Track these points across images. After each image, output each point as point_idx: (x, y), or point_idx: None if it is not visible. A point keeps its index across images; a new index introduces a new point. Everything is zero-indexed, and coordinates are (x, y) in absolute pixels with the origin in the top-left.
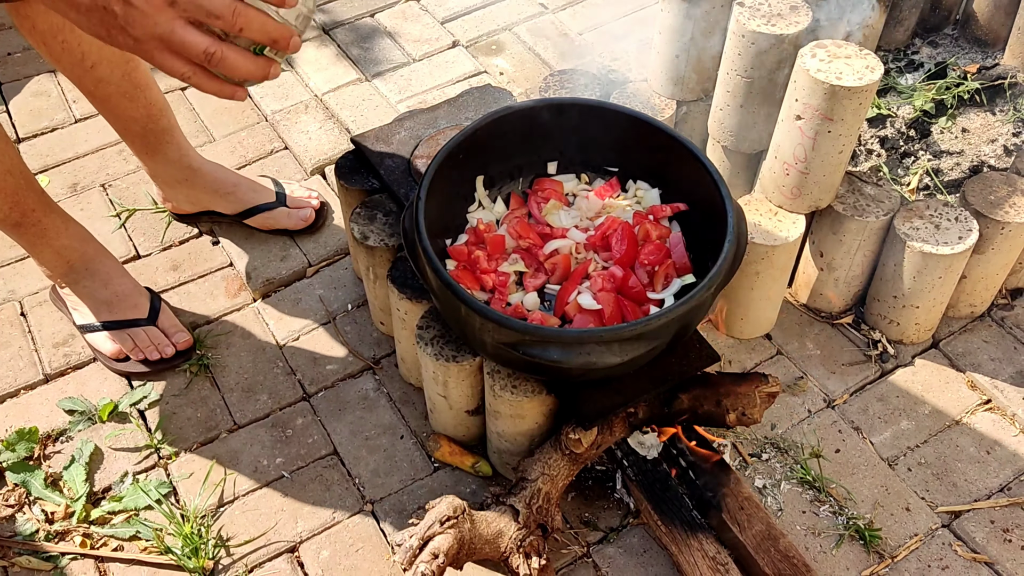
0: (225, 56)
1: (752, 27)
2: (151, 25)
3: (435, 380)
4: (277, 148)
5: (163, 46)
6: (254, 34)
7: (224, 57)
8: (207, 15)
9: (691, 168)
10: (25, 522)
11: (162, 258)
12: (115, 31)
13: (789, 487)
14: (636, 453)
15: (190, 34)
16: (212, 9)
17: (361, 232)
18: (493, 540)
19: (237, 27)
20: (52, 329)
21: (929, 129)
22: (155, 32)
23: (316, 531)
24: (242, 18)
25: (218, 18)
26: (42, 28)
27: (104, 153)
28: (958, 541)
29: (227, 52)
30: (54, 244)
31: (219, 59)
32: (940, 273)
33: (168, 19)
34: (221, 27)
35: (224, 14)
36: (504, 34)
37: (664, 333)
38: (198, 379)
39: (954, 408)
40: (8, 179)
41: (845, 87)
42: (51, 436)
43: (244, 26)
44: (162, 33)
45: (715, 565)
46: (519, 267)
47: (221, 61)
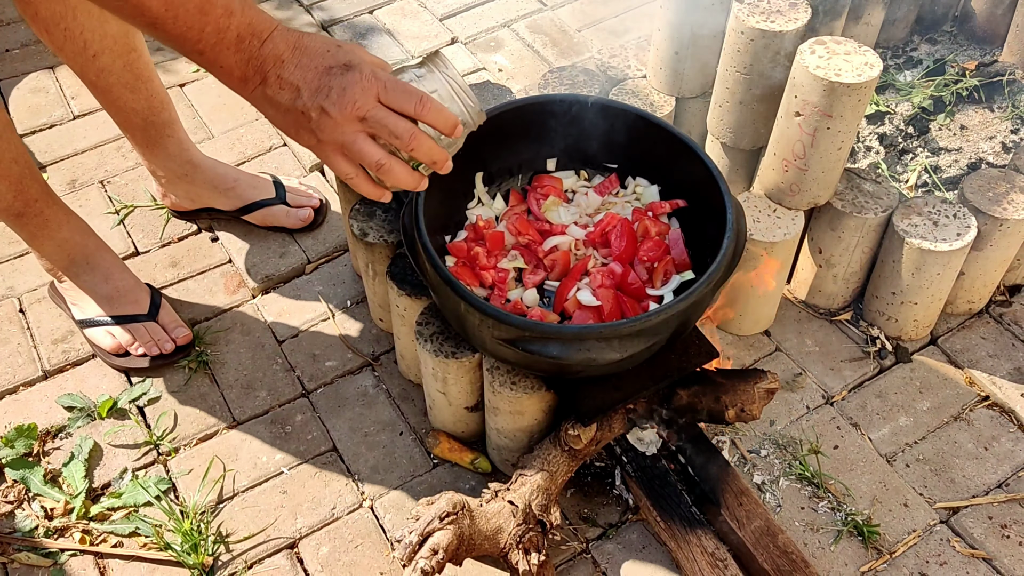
0: (392, 168)
1: (751, 24)
2: (339, 134)
3: (434, 376)
4: (276, 144)
5: (340, 150)
6: (421, 156)
7: (391, 169)
8: (389, 134)
9: (690, 165)
10: (24, 518)
11: (161, 255)
12: (304, 131)
13: (788, 483)
14: (635, 449)
15: (369, 145)
16: (395, 130)
17: (360, 228)
18: (492, 536)
19: (410, 148)
20: (51, 325)
21: (928, 126)
22: (340, 139)
23: (315, 527)
24: (416, 141)
25: (397, 138)
26: (44, 16)
27: (103, 149)
28: (956, 537)
29: (394, 165)
30: (55, 236)
31: (387, 170)
32: (938, 270)
33: (354, 131)
34: (397, 146)
35: (403, 136)
36: (503, 31)
37: (663, 329)
38: (197, 375)
39: (952, 404)
40: (13, 168)
41: (844, 84)
42: (50, 432)
43: (416, 148)
44: (345, 141)
45: (714, 561)
46: (518, 263)
47: (388, 172)
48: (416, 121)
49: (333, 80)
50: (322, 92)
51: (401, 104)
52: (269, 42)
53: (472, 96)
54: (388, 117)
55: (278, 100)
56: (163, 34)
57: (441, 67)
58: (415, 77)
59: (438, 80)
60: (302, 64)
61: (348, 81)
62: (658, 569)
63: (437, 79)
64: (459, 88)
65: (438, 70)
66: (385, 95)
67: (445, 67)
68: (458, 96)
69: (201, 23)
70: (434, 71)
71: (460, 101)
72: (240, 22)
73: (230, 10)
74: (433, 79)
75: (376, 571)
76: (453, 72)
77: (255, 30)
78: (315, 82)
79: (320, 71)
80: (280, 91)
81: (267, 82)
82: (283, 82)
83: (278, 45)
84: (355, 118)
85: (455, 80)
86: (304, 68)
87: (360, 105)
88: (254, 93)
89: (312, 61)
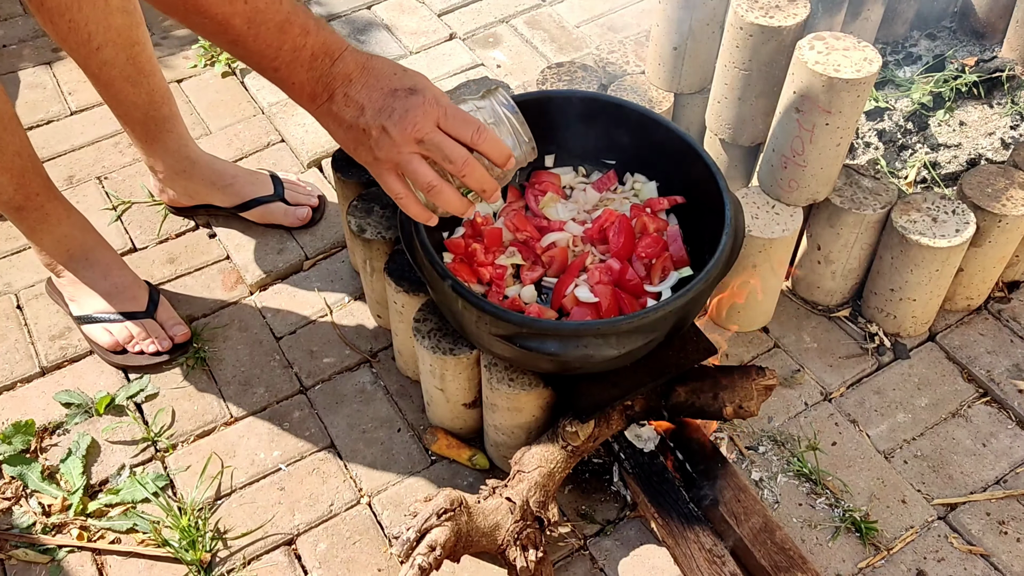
0: (442, 191)
1: (750, 19)
2: (395, 153)
3: (432, 373)
4: (274, 141)
5: (395, 170)
6: (472, 183)
7: (441, 192)
8: (443, 158)
9: (689, 161)
10: (22, 515)
11: (158, 251)
12: (363, 148)
13: (786, 480)
14: (633, 446)
15: (423, 167)
16: (449, 155)
17: (358, 225)
18: (490, 533)
19: (462, 174)
20: (48, 322)
21: (927, 122)
22: (396, 158)
23: (313, 524)
24: (468, 168)
25: (451, 163)
26: (50, 6)
27: (100, 145)
28: (954, 533)
29: (444, 188)
30: (55, 231)
31: (437, 193)
32: (937, 266)
33: (410, 151)
34: (450, 171)
35: (457, 161)
36: (501, 26)
37: (661, 326)
38: (195, 372)
39: (950, 401)
40: (16, 161)
41: (843, 79)
42: (48, 429)
43: (468, 174)
44: (400, 161)
45: (711, 557)
46: (516, 260)
47: (438, 195)
48: (471, 150)
49: (397, 102)
50: (385, 112)
51: (459, 131)
52: (340, 61)
53: (527, 131)
54: (445, 142)
55: (342, 116)
56: (243, 51)
57: (500, 100)
58: (475, 108)
59: (496, 112)
60: (369, 84)
61: (411, 104)
62: (656, 566)
63: (495, 111)
64: (515, 122)
65: (497, 103)
66: (444, 121)
67: (505, 100)
68: (513, 130)
69: (279, 41)
70: (493, 104)
71: (514, 135)
72: (315, 41)
73: (306, 29)
74: (491, 111)
75: (374, 567)
76: (511, 106)
77: (328, 49)
78: (379, 102)
79: (385, 92)
80: (345, 108)
81: (334, 99)
82: (349, 100)
83: (348, 65)
84: (413, 139)
85: (512, 114)
86: (370, 88)
87: (420, 127)
88: (320, 109)
89: (379, 82)
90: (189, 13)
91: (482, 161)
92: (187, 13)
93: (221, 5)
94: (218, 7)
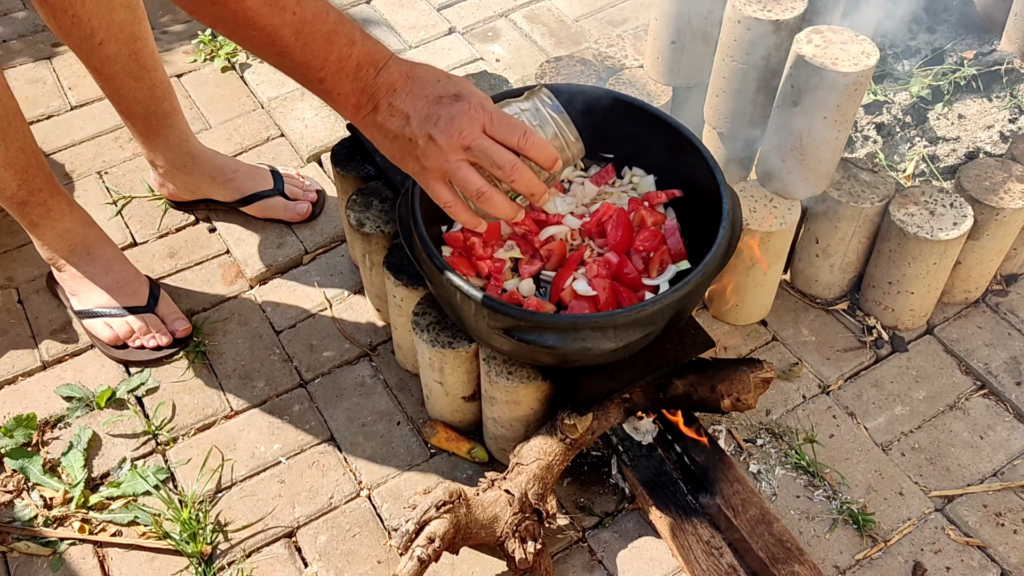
0: (492, 197)
1: (748, 13)
2: (442, 160)
3: (431, 367)
4: (273, 135)
5: (443, 178)
6: (521, 187)
7: (491, 198)
8: (491, 164)
9: (687, 154)
10: (24, 508)
11: (159, 245)
12: (409, 157)
13: (783, 472)
14: (631, 439)
15: (471, 174)
16: (497, 161)
17: (357, 219)
18: (489, 525)
19: (511, 179)
20: (50, 316)
21: (925, 115)
22: (443, 167)
23: (313, 516)
24: (517, 172)
25: (499, 168)
26: (53, 1)
27: (100, 140)
28: (951, 525)
29: (493, 194)
30: (57, 226)
31: (487, 199)
32: (935, 259)
33: (458, 159)
34: (498, 176)
35: (505, 167)
36: (500, 21)
37: (659, 319)
38: (195, 366)
39: (948, 394)
40: (20, 156)
41: (841, 73)
42: (49, 423)
43: (517, 179)
44: (448, 169)
45: (709, 549)
46: (515, 254)
47: (488, 201)
48: (518, 154)
49: (442, 109)
50: (430, 120)
51: (505, 136)
52: (384, 71)
53: (573, 130)
54: (492, 148)
55: (388, 127)
56: (290, 62)
57: (545, 102)
58: (519, 111)
59: (541, 114)
60: (413, 93)
61: (456, 111)
62: (654, 558)
63: (540, 113)
64: (561, 123)
65: (542, 105)
66: (491, 126)
67: (549, 101)
68: (559, 131)
69: (326, 52)
70: (538, 106)
71: (561, 136)
72: (360, 51)
73: (352, 40)
74: (535, 113)
75: (373, 559)
76: (556, 107)
77: (373, 59)
78: (425, 110)
79: (430, 100)
80: (391, 118)
81: (378, 109)
82: (394, 109)
83: (392, 74)
84: (460, 147)
85: (557, 115)
86: (415, 97)
87: (466, 134)
88: (365, 119)
89: (423, 90)
90: (238, 26)
91: (529, 165)
92: (236, 26)
93: (270, 16)
94: (267, 19)
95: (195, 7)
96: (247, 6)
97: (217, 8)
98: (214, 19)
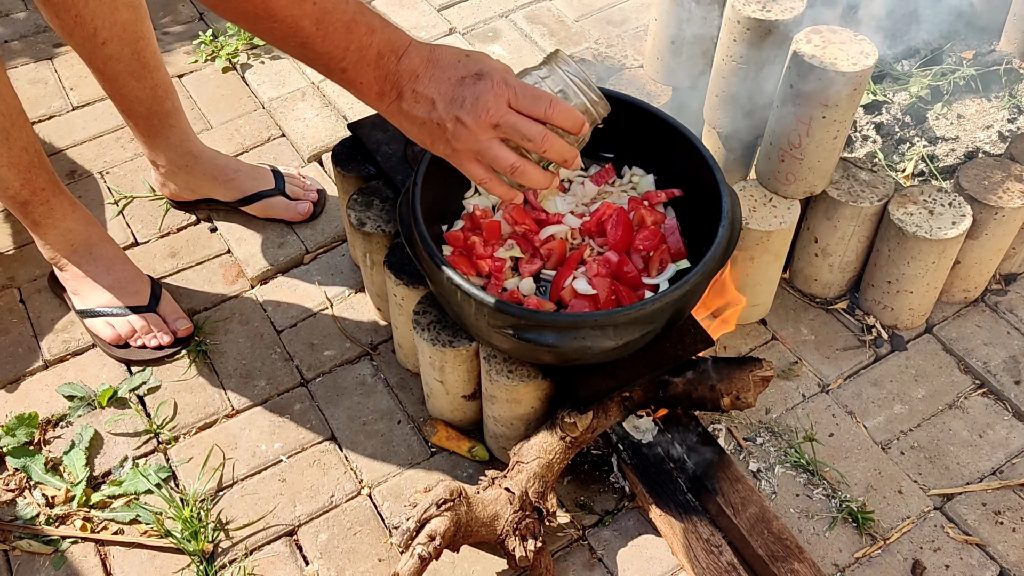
0: (526, 170)
1: (747, 13)
2: (473, 141)
3: (432, 365)
4: (274, 135)
5: (475, 157)
6: (553, 156)
7: (525, 171)
8: (521, 138)
9: (686, 154)
10: (26, 506)
11: (160, 245)
12: (439, 142)
13: (783, 471)
14: (631, 437)
15: (503, 150)
16: (527, 134)
17: (358, 219)
18: (489, 523)
19: (543, 150)
20: (51, 315)
21: (925, 115)
22: (474, 147)
23: (314, 515)
24: (548, 142)
25: (530, 141)
26: (56, 1)
27: (102, 140)
28: (950, 524)
29: (527, 167)
30: (60, 225)
31: (521, 172)
32: (934, 258)
33: (488, 137)
34: (529, 148)
35: (536, 138)
36: (500, 21)
37: (659, 318)
38: (197, 365)
39: (947, 392)
40: (23, 156)
41: (840, 72)
42: (51, 421)
43: (548, 149)
44: (480, 148)
45: (709, 547)
46: (515, 253)
47: (523, 174)
48: (545, 123)
49: (466, 90)
50: (456, 102)
51: (531, 108)
52: (405, 58)
53: (596, 90)
54: (520, 122)
55: (414, 114)
56: (311, 53)
57: (563, 65)
58: (539, 79)
59: (561, 79)
60: (436, 77)
61: (480, 90)
62: (654, 556)
63: (560, 78)
64: (582, 84)
65: (560, 69)
66: (516, 101)
67: (567, 65)
68: (582, 92)
69: (347, 41)
70: (556, 70)
71: (584, 97)
72: (381, 39)
73: (372, 28)
74: (557, 79)
75: (374, 557)
76: (574, 68)
77: (393, 47)
78: (449, 93)
79: (453, 82)
80: (416, 104)
81: (403, 96)
82: (419, 96)
83: (413, 60)
84: (489, 125)
85: (577, 76)
86: (438, 81)
87: (493, 112)
88: (390, 108)
89: (445, 73)
90: (260, 19)
91: (557, 131)
92: (257, 19)
93: (291, 8)
94: (288, 10)
95: (216, 1)
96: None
97: (239, 2)
98: (236, 13)
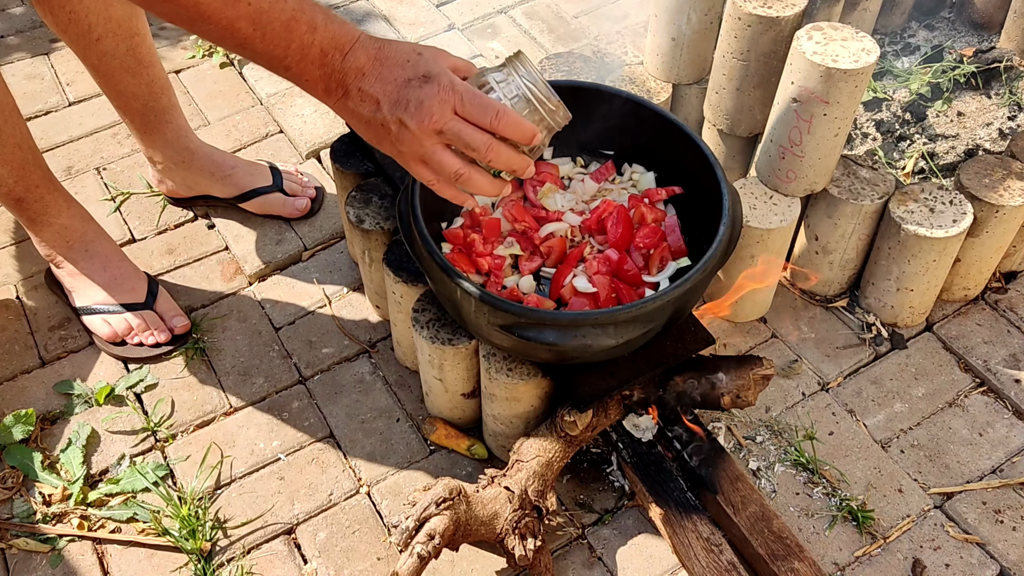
0: (471, 177)
1: (748, 9)
2: (417, 145)
3: (431, 363)
4: (272, 132)
5: (421, 160)
6: (500, 165)
7: (470, 177)
8: (465, 146)
9: (687, 151)
10: (23, 504)
11: (157, 242)
12: (385, 142)
13: (783, 469)
14: (631, 436)
15: (447, 156)
16: (471, 143)
17: (356, 215)
18: (489, 522)
19: (487, 160)
20: (48, 313)
21: (925, 113)
22: (419, 151)
23: (313, 513)
24: (493, 152)
25: (474, 150)
26: None
27: (99, 136)
28: (950, 522)
29: (473, 174)
30: (55, 223)
31: (466, 179)
32: (934, 256)
33: (432, 143)
34: (474, 156)
35: (480, 148)
36: (499, 17)
37: (659, 316)
38: (194, 362)
39: (947, 391)
40: (16, 152)
41: (841, 70)
42: (48, 419)
43: (494, 159)
44: (424, 153)
45: (709, 546)
46: (515, 250)
47: (468, 181)
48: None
49: (411, 93)
50: (400, 105)
51: (478, 117)
52: (351, 55)
53: (554, 98)
54: (464, 130)
55: (360, 112)
56: (251, 52)
57: (521, 70)
58: (494, 83)
59: (518, 85)
60: (382, 76)
61: (426, 94)
62: (653, 555)
63: (517, 84)
64: (537, 93)
65: (517, 74)
66: (461, 107)
67: (525, 70)
68: (536, 102)
69: (287, 40)
70: (514, 75)
71: (540, 107)
72: (323, 37)
73: (314, 25)
74: (512, 85)
75: (373, 556)
76: (534, 74)
77: (338, 43)
78: (394, 95)
79: (399, 83)
80: (361, 103)
81: (349, 95)
82: (364, 95)
83: (359, 57)
84: (432, 131)
85: (535, 83)
86: (384, 80)
87: (437, 119)
88: (337, 104)
89: (392, 73)
90: (194, 21)
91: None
92: (192, 21)
93: (224, 9)
94: (221, 12)
95: (149, 3)
96: (199, 0)
97: (170, 5)
98: (171, 15)
